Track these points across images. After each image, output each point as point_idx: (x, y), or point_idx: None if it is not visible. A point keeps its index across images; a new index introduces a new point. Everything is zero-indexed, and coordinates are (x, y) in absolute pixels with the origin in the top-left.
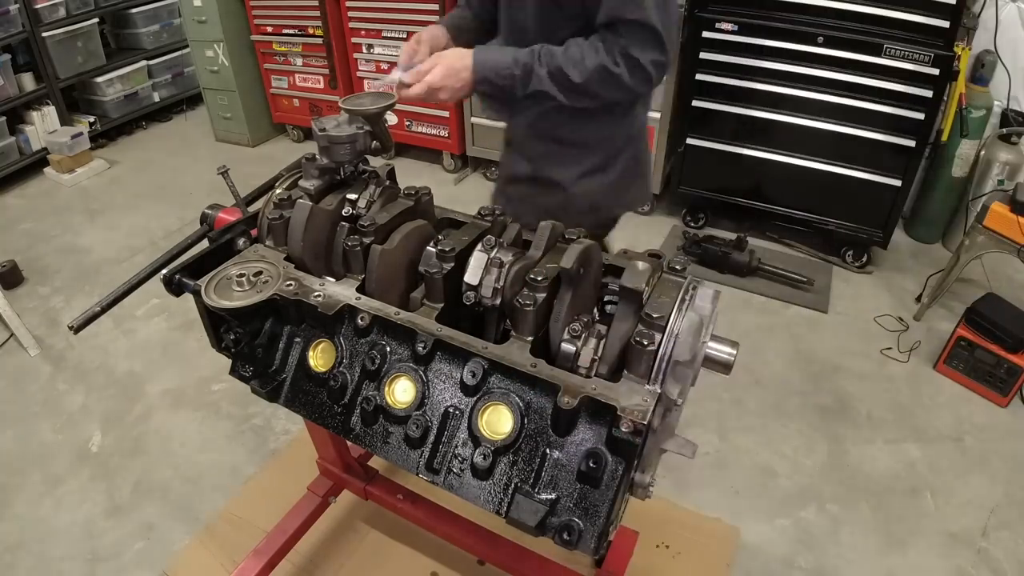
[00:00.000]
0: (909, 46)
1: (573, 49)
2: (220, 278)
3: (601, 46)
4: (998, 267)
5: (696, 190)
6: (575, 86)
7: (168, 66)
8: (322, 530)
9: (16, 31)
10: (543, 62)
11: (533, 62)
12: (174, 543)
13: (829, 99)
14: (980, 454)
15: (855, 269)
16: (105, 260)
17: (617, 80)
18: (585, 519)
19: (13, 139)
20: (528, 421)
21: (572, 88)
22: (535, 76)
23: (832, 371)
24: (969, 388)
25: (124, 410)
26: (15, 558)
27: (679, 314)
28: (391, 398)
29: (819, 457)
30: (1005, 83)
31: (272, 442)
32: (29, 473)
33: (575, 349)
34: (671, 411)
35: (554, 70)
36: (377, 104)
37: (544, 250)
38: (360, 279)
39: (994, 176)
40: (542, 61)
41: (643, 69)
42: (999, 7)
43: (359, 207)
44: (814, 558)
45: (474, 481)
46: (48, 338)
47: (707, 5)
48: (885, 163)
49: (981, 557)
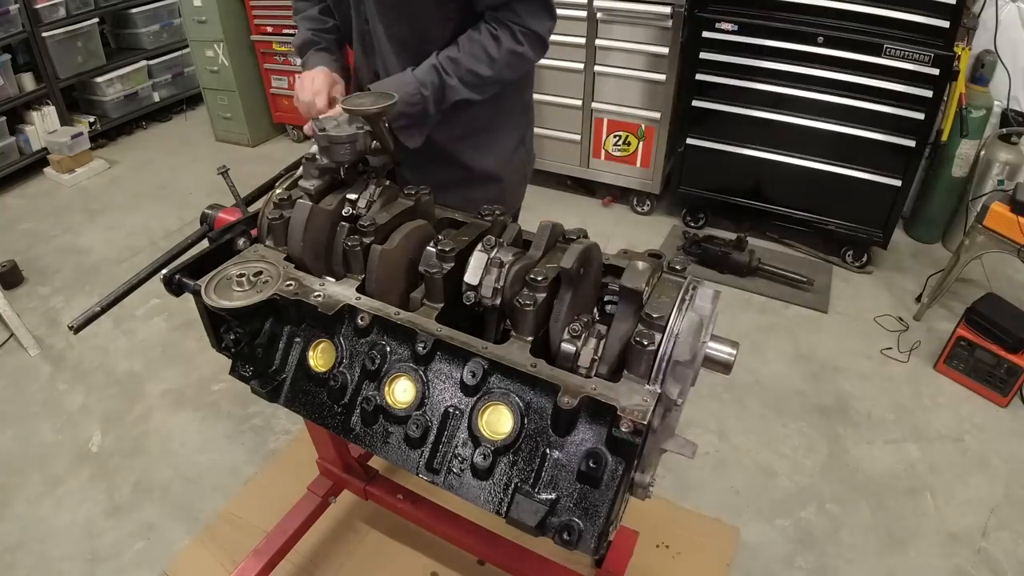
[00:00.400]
0: (909, 46)
1: (471, 46)
2: (220, 278)
3: (497, 30)
4: (998, 267)
5: (696, 190)
6: (486, 80)
7: (168, 66)
8: (322, 530)
9: (16, 31)
10: (450, 72)
11: (441, 76)
12: (174, 543)
13: (829, 99)
14: (980, 454)
15: (855, 269)
16: (105, 260)
17: (522, 58)
18: (585, 519)
19: (13, 139)
20: (528, 421)
21: (484, 83)
22: (448, 89)
23: (832, 371)
24: (969, 388)
25: (124, 410)
26: (15, 558)
27: (679, 314)
28: (391, 398)
29: (819, 457)
30: (1005, 83)
31: (272, 442)
32: (29, 473)
33: (575, 349)
34: (671, 411)
35: (464, 75)
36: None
37: (544, 250)
38: (360, 279)
39: (994, 176)
40: (449, 72)
41: (542, 39)
42: (999, 7)
43: (359, 207)
44: (814, 558)
45: (474, 481)
46: (48, 338)
47: (707, 5)
48: (885, 163)
49: (981, 557)
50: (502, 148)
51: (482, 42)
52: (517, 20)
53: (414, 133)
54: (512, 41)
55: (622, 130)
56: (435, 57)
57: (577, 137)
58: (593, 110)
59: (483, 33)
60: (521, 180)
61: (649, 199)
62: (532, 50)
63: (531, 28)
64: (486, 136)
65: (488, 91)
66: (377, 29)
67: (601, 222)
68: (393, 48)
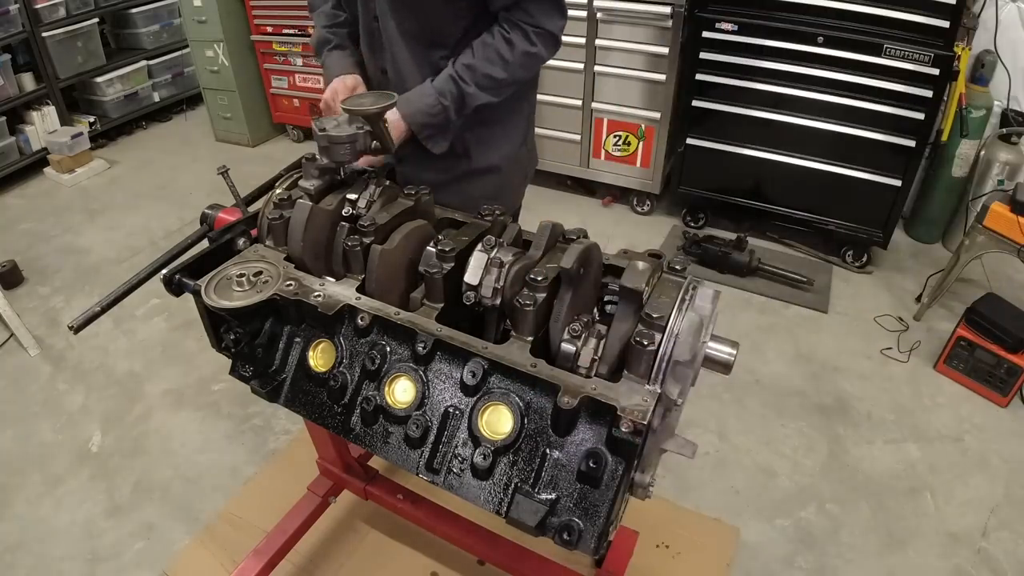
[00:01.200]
0: (909, 46)
1: (485, 51)
2: (220, 278)
3: (510, 32)
4: (998, 267)
5: (696, 190)
6: (502, 82)
7: (168, 66)
8: (322, 530)
9: (16, 31)
10: (467, 80)
11: (459, 85)
12: (174, 543)
13: (829, 99)
14: (980, 454)
15: (855, 269)
16: (105, 260)
17: (536, 58)
18: (585, 519)
19: (13, 139)
20: (528, 421)
21: (500, 86)
22: (468, 96)
23: (832, 371)
24: (969, 388)
25: (124, 410)
26: (15, 558)
27: (679, 314)
28: (391, 398)
29: (819, 457)
30: (1005, 83)
31: (272, 442)
32: (29, 473)
33: (575, 349)
34: (671, 411)
35: (480, 80)
36: (377, 104)
37: (544, 250)
38: (360, 279)
39: (994, 176)
40: (466, 80)
41: (555, 37)
42: (999, 7)
43: (359, 207)
44: (814, 558)
45: (474, 481)
46: (48, 338)
47: (707, 5)
48: (885, 163)
49: (981, 557)
50: (506, 143)
51: (496, 46)
52: (530, 20)
53: (439, 140)
54: (525, 42)
55: (622, 130)
56: (451, 67)
57: (577, 137)
58: (593, 110)
59: (496, 37)
60: (522, 179)
61: (649, 199)
62: (545, 49)
63: (544, 27)
64: (491, 130)
65: (505, 92)
66: (388, 26)
67: (601, 222)
68: (404, 45)
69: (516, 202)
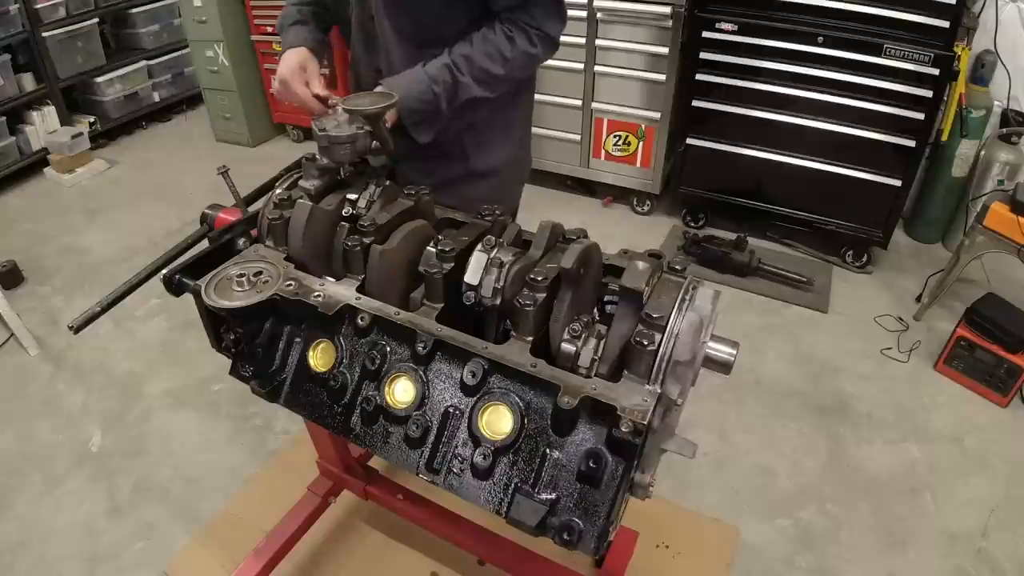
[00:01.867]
0: (909, 46)
1: (486, 45)
2: (220, 278)
3: (513, 31)
4: (998, 267)
5: (696, 190)
6: (498, 79)
7: (168, 66)
8: (322, 530)
9: (16, 31)
10: (464, 70)
11: (454, 74)
12: (174, 543)
13: (829, 99)
14: (980, 454)
15: (855, 269)
16: (105, 260)
17: (534, 59)
18: (585, 519)
19: (13, 139)
20: (528, 421)
21: (496, 82)
22: (461, 87)
23: (832, 371)
24: (969, 388)
25: (124, 410)
26: (15, 558)
27: (679, 314)
28: (391, 398)
29: (819, 457)
30: (1005, 83)
31: (272, 442)
32: (29, 473)
33: (575, 349)
34: (671, 411)
35: (477, 73)
36: (377, 104)
37: (544, 250)
38: (360, 279)
39: (994, 176)
40: (462, 70)
41: (554, 41)
42: (999, 7)
43: (359, 207)
44: (814, 558)
45: (474, 481)
46: (48, 338)
47: (707, 5)
48: (885, 163)
49: (981, 557)
50: (505, 146)
51: (496, 42)
52: (532, 23)
53: (426, 129)
54: (527, 43)
55: (622, 130)
56: (448, 55)
57: (577, 137)
58: (593, 110)
59: (498, 33)
60: (518, 181)
61: (649, 199)
62: (544, 52)
63: (545, 31)
64: (490, 133)
65: (499, 89)
66: (383, 24)
67: (601, 222)
68: (399, 44)
69: (513, 204)
